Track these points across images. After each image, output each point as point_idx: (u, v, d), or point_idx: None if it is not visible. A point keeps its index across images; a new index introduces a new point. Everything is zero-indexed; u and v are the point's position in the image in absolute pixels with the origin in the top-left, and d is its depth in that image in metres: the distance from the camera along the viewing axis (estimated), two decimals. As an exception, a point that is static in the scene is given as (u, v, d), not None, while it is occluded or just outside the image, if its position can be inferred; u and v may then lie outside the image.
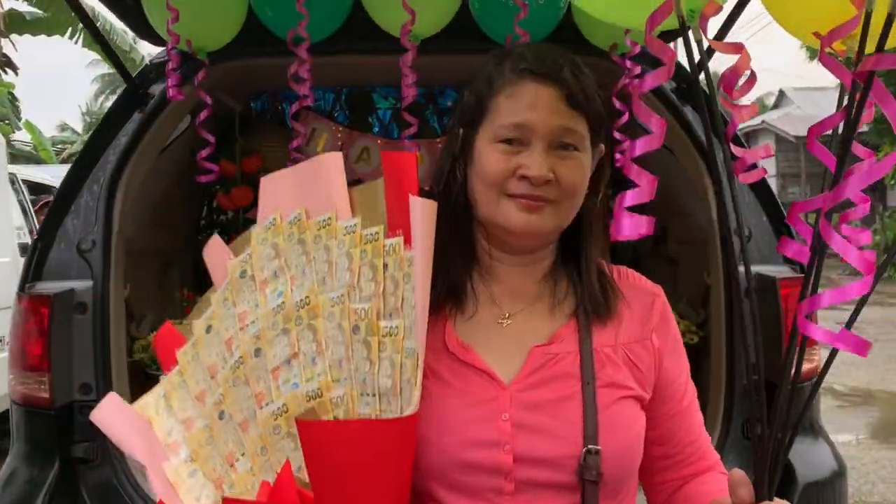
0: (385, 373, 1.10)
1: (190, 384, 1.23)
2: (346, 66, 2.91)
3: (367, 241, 1.14)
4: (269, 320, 1.18)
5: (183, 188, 3.32)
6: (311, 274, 1.18)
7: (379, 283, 1.12)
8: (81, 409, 2.15)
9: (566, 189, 1.14)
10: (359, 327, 1.12)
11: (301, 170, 1.23)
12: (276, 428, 1.14)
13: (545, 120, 1.12)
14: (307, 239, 1.18)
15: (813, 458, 2.17)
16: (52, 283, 2.19)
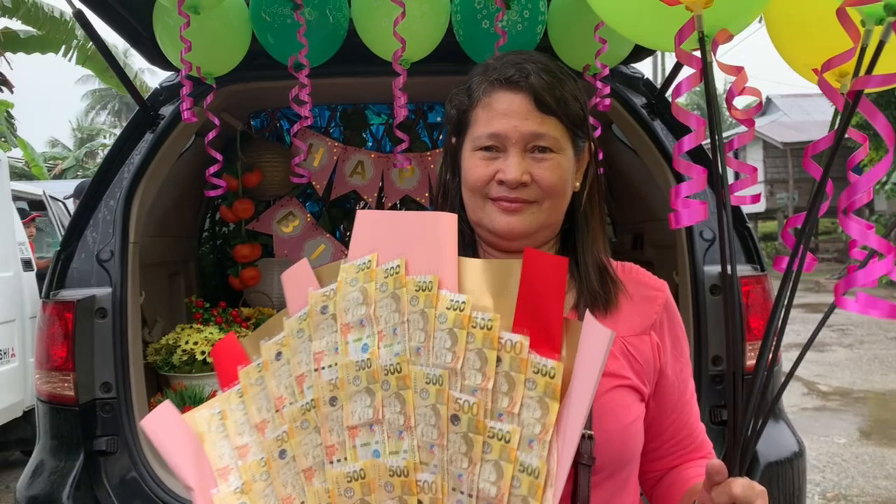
0: (488, 478, 0.99)
1: (250, 410, 1.16)
2: (341, 86, 3.08)
3: (478, 326, 1.02)
4: (349, 372, 1.09)
5: (187, 202, 3.48)
6: (404, 338, 1.06)
7: (488, 378, 1.01)
8: (102, 406, 2.31)
9: (545, 189, 1.16)
10: (459, 418, 1.01)
11: (409, 219, 1.13)
12: (348, 490, 1.06)
13: (517, 127, 1.15)
14: (402, 297, 1.07)
15: (774, 439, 2.33)
16: (74, 290, 2.35)
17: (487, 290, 1.03)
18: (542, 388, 0.98)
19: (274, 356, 1.14)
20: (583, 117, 1.20)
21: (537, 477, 0.96)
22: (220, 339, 1.25)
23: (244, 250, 3.63)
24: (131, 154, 2.55)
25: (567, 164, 1.18)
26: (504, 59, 1.21)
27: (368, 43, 2.35)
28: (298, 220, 3.91)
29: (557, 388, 0.97)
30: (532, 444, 0.97)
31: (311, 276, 1.13)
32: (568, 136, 1.18)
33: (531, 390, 0.99)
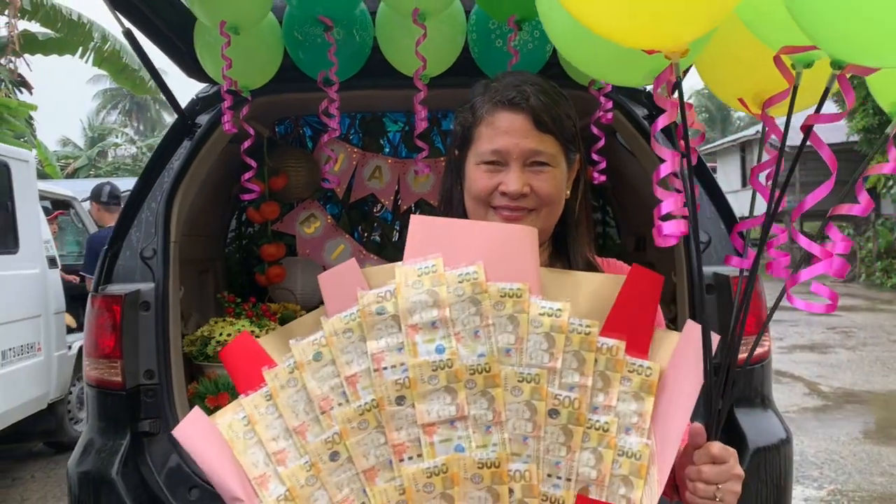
0: (587, 463, 1.11)
1: (285, 413, 1.14)
2: (364, 97, 3.26)
3: (575, 332, 1.13)
4: (423, 372, 1.12)
5: (216, 204, 3.68)
6: (489, 340, 1.13)
7: (586, 376, 1.12)
8: (146, 391, 2.52)
9: (542, 198, 1.30)
10: (558, 412, 1.12)
11: (479, 230, 1.20)
12: (428, 486, 1.10)
13: (518, 144, 1.27)
14: (483, 301, 1.13)
15: (762, 426, 2.51)
16: (120, 285, 2.56)
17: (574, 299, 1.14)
18: (638, 384, 1.12)
19: (311, 357, 1.14)
20: (575, 134, 1.34)
21: (639, 458, 1.10)
22: (231, 341, 1.26)
23: (270, 249, 3.82)
24: (171, 160, 2.75)
25: (561, 175, 1.33)
26: (505, 81, 1.33)
27: (391, 60, 2.55)
28: (319, 221, 4.09)
29: (654, 385, 1.12)
30: (629, 431, 1.11)
31: (359, 277, 1.15)
32: (562, 151, 1.32)
33: (626, 387, 1.12)
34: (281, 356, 1.16)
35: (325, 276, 1.18)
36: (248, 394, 1.16)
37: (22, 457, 6.37)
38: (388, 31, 2.49)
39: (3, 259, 5.40)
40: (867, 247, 20.65)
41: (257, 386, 1.15)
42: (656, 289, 1.15)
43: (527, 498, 1.12)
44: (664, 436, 1.12)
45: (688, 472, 1.18)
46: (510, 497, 1.12)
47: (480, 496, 1.11)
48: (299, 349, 1.15)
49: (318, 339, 1.14)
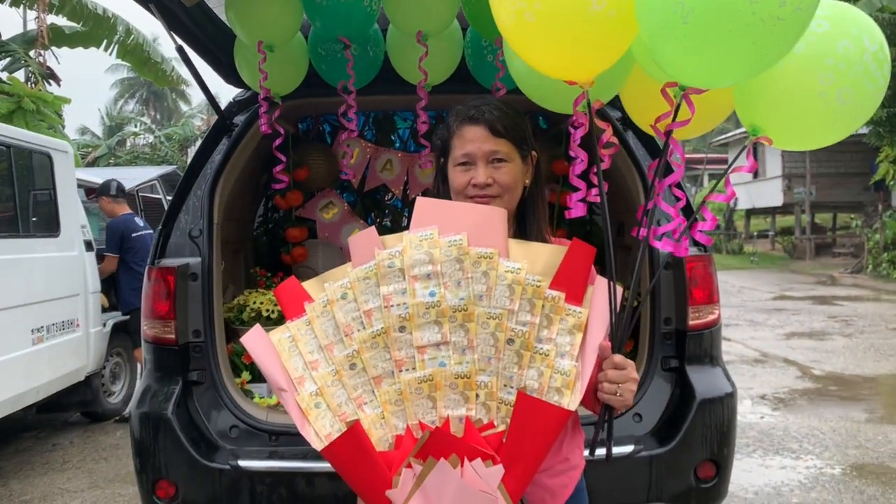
0: (532, 377, 1.38)
1: (319, 334, 1.41)
2: (375, 100, 3.66)
3: (529, 284, 1.40)
4: (419, 309, 1.38)
5: (247, 192, 4.09)
6: (468, 288, 1.39)
7: (535, 316, 1.39)
8: (194, 347, 2.96)
9: (503, 186, 1.61)
10: (513, 341, 1.38)
11: (465, 209, 1.48)
12: (418, 390, 1.36)
13: (480, 147, 1.61)
14: (465, 261, 1.39)
15: (709, 381, 2.91)
16: (173, 259, 2.99)
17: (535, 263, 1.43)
18: (572, 324, 1.41)
19: (339, 296, 1.44)
20: (524, 137, 1.67)
21: (569, 376, 1.37)
22: (283, 282, 1.53)
23: (294, 232, 4.23)
24: (212, 154, 3.19)
25: (517, 168, 1.66)
26: (469, 104, 1.68)
27: (400, 71, 2.99)
28: (337, 208, 4.44)
29: (583, 324, 1.42)
30: (563, 356, 1.38)
31: (377, 240, 1.45)
32: (515, 150, 1.65)
33: (563, 325, 1.40)
34: (318, 295, 1.48)
35: (353, 238, 1.49)
36: (293, 320, 1.46)
37: (60, 426, 6.72)
38: (397, 47, 2.93)
39: (46, 242, 5.73)
40: (874, 238, 20.56)
41: (300, 314, 1.45)
42: (590, 256, 1.47)
43: (488, 401, 1.42)
44: (585, 357, 1.43)
45: (598, 376, 1.52)
46: (476, 399, 1.42)
47: (455, 398, 1.42)
48: (331, 290, 1.45)
49: (345, 284, 1.45)
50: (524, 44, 1.62)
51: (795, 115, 1.68)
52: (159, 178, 11.51)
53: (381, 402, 1.39)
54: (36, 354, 5.41)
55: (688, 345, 2.92)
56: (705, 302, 2.95)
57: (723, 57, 1.46)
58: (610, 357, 1.51)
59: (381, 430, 1.39)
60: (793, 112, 1.67)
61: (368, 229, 1.48)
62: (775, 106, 1.68)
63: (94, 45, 13.10)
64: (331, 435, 1.38)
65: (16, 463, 5.64)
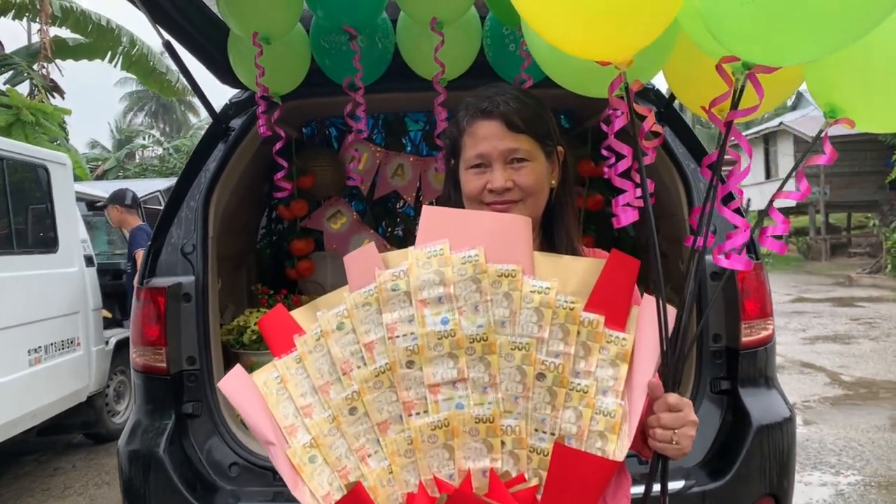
0: (569, 419, 1.23)
1: (312, 373, 1.27)
2: (386, 99, 3.42)
3: (561, 307, 1.25)
4: (429, 340, 1.24)
5: (250, 203, 3.85)
6: (487, 313, 1.25)
7: (570, 345, 1.24)
8: (188, 376, 2.70)
9: (525, 190, 1.42)
10: (545, 376, 1.24)
11: (480, 219, 1.32)
12: (432, 437, 1.23)
13: (496, 146, 1.41)
14: (483, 280, 1.26)
15: (766, 405, 2.63)
16: (164, 278, 2.74)
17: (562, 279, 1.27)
18: (614, 353, 1.25)
19: (335, 327, 1.28)
20: (548, 130, 1.46)
21: (613, 417, 1.22)
22: (268, 311, 1.38)
23: (300, 244, 4.00)
24: (207, 162, 2.92)
25: (540, 168, 1.45)
26: (480, 94, 1.47)
27: (412, 65, 2.71)
28: (346, 217, 4.24)
29: (628, 353, 1.25)
30: (606, 393, 1.23)
31: (377, 258, 1.29)
32: (538, 147, 1.44)
33: (604, 355, 1.25)
34: (309, 326, 1.31)
35: (349, 257, 1.32)
36: (281, 357, 1.30)
37: (62, 448, 6.56)
38: (408, 38, 2.65)
39: (43, 258, 5.57)
40: (893, 237, 20.31)
41: (289, 350, 1.30)
42: (633, 271, 1.28)
43: (516, 449, 1.25)
44: (632, 396, 1.25)
45: (649, 420, 1.31)
46: (502, 448, 1.25)
47: (477, 447, 1.25)
48: (325, 320, 1.29)
49: (341, 312, 1.29)
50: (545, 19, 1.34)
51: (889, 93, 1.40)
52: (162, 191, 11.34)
53: (388, 454, 1.25)
54: (33, 376, 5.26)
55: (740, 364, 2.63)
56: (758, 316, 2.66)
57: (803, 26, 1.18)
58: (662, 397, 1.30)
59: (390, 487, 1.25)
60: (886, 89, 1.39)
61: (367, 246, 1.33)
62: (863, 83, 1.41)
63: (98, 56, 13.18)
64: (330, 495, 1.23)
65: (15, 490, 5.47)
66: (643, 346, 1.27)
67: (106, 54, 12.90)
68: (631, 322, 1.29)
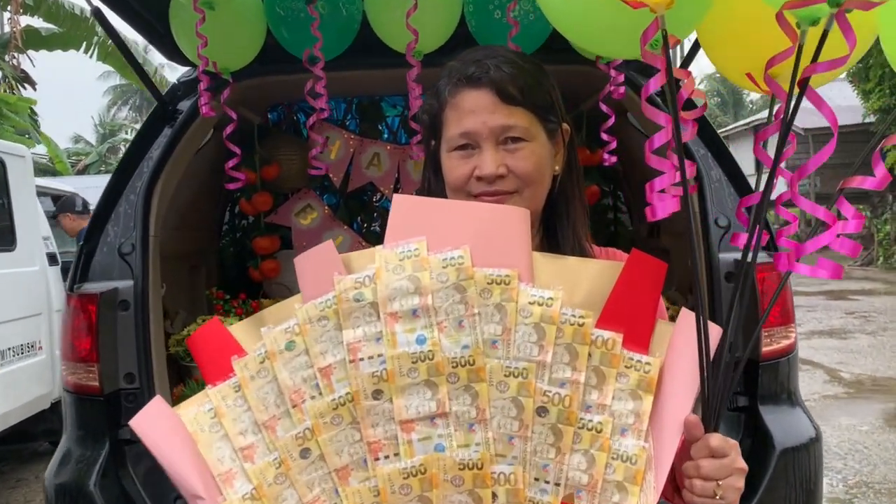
0: (578, 466, 1.05)
1: (254, 405, 1.09)
2: (357, 78, 3.11)
3: (567, 322, 1.06)
4: (402, 364, 1.06)
5: (208, 195, 3.54)
6: (474, 331, 1.07)
7: (578, 371, 1.05)
8: (126, 396, 2.37)
9: (522, 177, 1.22)
10: (547, 410, 1.05)
11: (466, 210, 1.14)
12: (404, 487, 1.06)
13: (485, 122, 1.20)
14: (469, 288, 1.07)
15: (790, 425, 2.34)
16: (97, 283, 2.41)
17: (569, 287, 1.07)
18: (636, 381, 1.05)
19: (283, 346, 1.09)
20: (550, 103, 1.25)
21: (635, 463, 1.03)
22: (200, 327, 1.18)
23: (263, 242, 3.69)
24: (150, 149, 2.59)
25: (541, 150, 1.23)
26: (465, 58, 1.24)
27: (381, 35, 2.38)
28: (316, 212, 3.96)
29: (653, 382, 1.05)
30: (625, 432, 1.04)
31: (336, 260, 1.08)
32: (538, 123, 1.23)
33: (623, 383, 1.05)
34: (252, 345, 1.10)
35: (300, 259, 1.11)
36: (215, 384, 1.10)
37: (27, 457, 6.30)
38: (376, 2, 2.32)
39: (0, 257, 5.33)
40: (885, 229, 20.49)
41: (226, 376, 1.10)
42: (658, 276, 1.07)
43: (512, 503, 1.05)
44: (661, 436, 1.04)
45: (685, 468, 1.07)
46: (493, 501, 1.04)
47: (461, 500, 1.04)
48: (271, 337, 1.08)
49: (292, 328, 1.08)
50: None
51: None
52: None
53: (350, 508, 1.05)
54: (-8, 382, 5.01)
55: (760, 378, 2.32)
56: (780, 322, 2.37)
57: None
58: (703, 438, 1.06)
59: None
60: None
61: (324, 244, 1.11)
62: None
63: (72, 47, 12.94)
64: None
65: (-29, 503, 5.29)
66: (676, 372, 1.06)
67: (80, 45, 12.69)
68: (657, 341, 1.08)
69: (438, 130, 1.27)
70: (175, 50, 2.57)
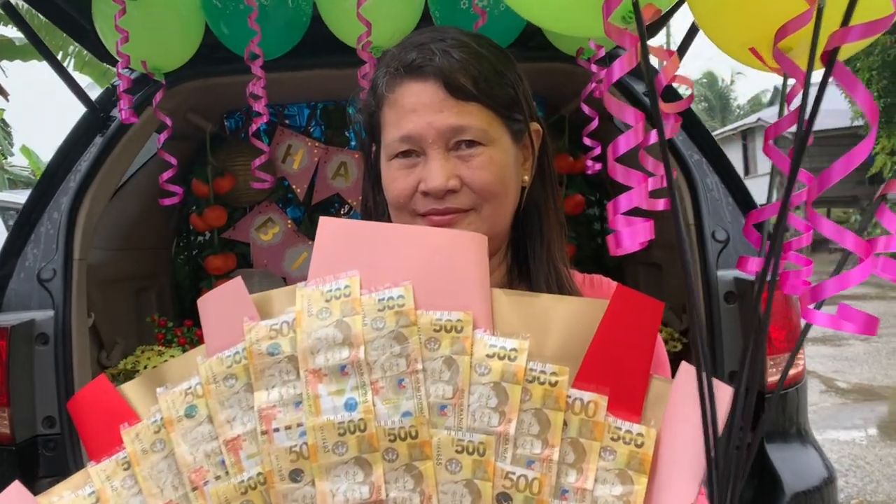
0: None
1: (146, 488, 0.94)
2: (317, 80, 2.86)
3: (537, 380, 0.88)
4: (326, 436, 0.89)
5: (156, 211, 3.27)
6: (417, 393, 0.90)
7: (551, 446, 0.87)
8: (45, 443, 2.09)
9: (480, 192, 1.00)
10: (510, 497, 0.87)
11: (406, 234, 0.95)
12: None
13: (431, 122, 0.99)
14: (412, 338, 0.90)
15: (801, 466, 2.11)
16: (11, 314, 2.13)
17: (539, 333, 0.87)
18: (625, 458, 0.86)
19: (183, 412, 0.92)
20: (514, 97, 1.04)
21: None
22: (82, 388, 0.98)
23: (217, 262, 3.44)
24: (78, 161, 2.32)
25: (503, 156, 1.02)
26: (407, 42, 1.04)
27: (334, 29, 2.13)
28: (278, 226, 3.74)
29: (648, 459, 0.85)
30: None
31: (246, 302, 0.91)
32: (499, 123, 1.02)
33: (609, 461, 0.87)
34: (148, 409, 0.93)
35: (203, 300, 0.93)
36: (100, 460, 0.93)
37: None
38: (326, -9, 2.05)
39: None
40: (875, 233, 20.45)
41: (113, 450, 0.92)
42: (653, 319, 0.86)
43: None
44: None
45: None
46: None
47: None
48: (168, 400, 0.91)
49: (193, 388, 0.91)
50: None
51: None
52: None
53: None
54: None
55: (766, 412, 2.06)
56: (787, 349, 2.12)
57: None
58: None
59: None
60: None
61: (232, 281, 0.92)
62: None
63: None
64: None
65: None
66: (677, 446, 0.85)
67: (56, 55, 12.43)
68: (652, 404, 0.87)
69: (377, 134, 1.06)
70: (103, 48, 2.30)
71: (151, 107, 2.22)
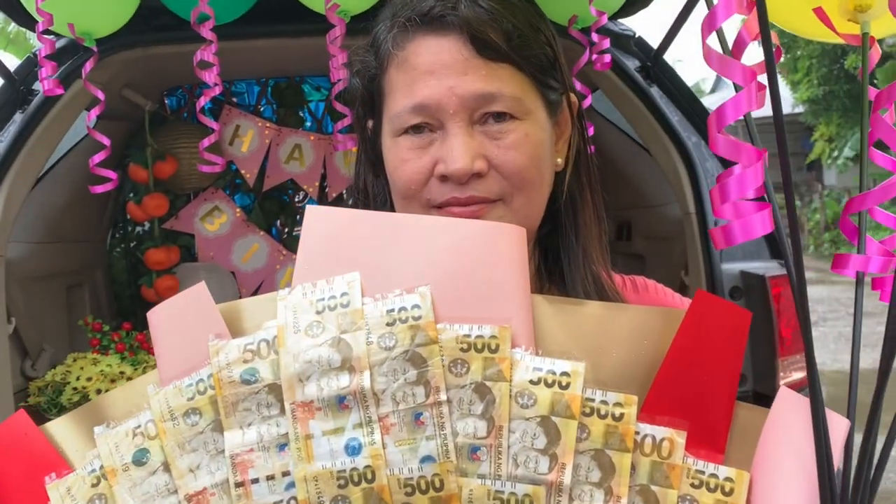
0: None
1: None
2: (270, 52, 2.64)
3: (597, 414, 0.74)
4: (323, 488, 0.75)
5: (88, 199, 3.03)
6: (440, 430, 0.76)
7: (616, 497, 0.75)
8: (-43, 472, 1.81)
9: (512, 177, 0.85)
10: None
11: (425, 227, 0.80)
12: None
13: (453, 88, 0.83)
14: (431, 358, 0.76)
15: None
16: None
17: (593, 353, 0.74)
18: None
19: (129, 458, 0.76)
20: (552, 58, 0.89)
21: None
22: None
23: (157, 255, 3.22)
24: (-7, 142, 2.06)
25: (539, 133, 0.87)
26: None
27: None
28: (226, 215, 3.55)
29: None
30: None
31: (211, 314, 0.76)
32: (535, 91, 0.87)
33: None
34: (82, 454, 0.79)
35: (156, 312, 0.79)
36: None
37: None
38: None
39: None
40: (814, 218, 21.38)
41: None
42: (740, 333, 0.72)
43: None
44: None
45: None
46: None
47: None
48: (110, 443, 0.77)
49: (143, 427, 0.77)
50: None
51: None
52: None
53: None
54: None
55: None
56: (799, 349, 1.99)
57: None
58: None
59: None
60: None
61: (193, 288, 0.76)
62: None
63: None
64: None
65: None
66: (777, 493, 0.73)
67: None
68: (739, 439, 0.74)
69: (378, 103, 0.91)
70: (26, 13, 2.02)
71: (81, 79, 1.97)
